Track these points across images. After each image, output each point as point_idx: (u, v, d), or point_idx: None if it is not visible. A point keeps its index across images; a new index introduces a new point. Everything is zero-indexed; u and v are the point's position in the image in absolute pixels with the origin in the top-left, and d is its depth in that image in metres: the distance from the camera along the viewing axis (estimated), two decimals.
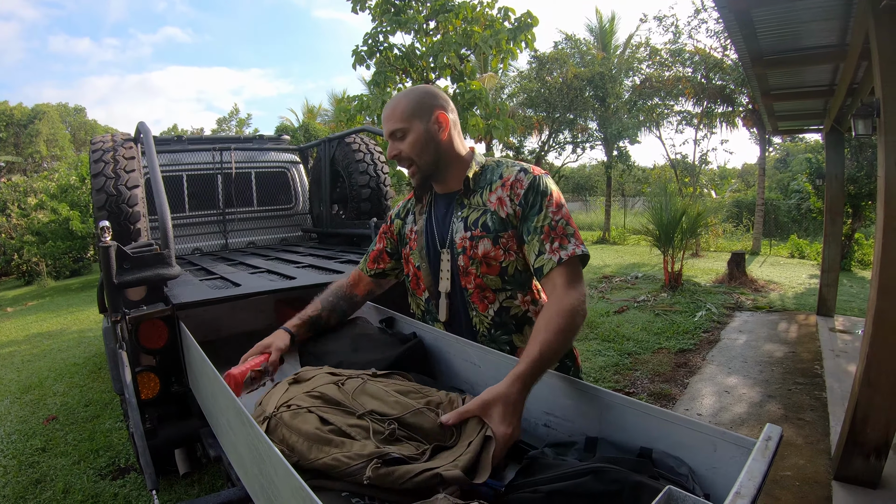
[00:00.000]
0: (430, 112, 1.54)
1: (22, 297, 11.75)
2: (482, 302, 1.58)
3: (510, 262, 1.53)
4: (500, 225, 1.51)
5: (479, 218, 1.55)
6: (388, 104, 1.58)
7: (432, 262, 1.67)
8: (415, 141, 1.54)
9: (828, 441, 3.31)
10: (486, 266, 1.54)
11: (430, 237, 1.67)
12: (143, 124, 2.90)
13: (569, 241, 1.43)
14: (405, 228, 1.77)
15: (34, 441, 3.79)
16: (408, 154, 1.55)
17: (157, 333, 2.04)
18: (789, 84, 5.35)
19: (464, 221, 1.57)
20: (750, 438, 0.98)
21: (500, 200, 1.53)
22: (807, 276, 9.35)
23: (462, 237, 1.57)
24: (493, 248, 1.52)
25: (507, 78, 18.15)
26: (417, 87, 1.61)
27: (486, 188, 1.57)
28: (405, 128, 1.53)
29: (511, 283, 1.55)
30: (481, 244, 1.53)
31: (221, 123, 26.90)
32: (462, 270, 1.58)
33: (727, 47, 12.89)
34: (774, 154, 25.75)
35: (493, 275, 1.54)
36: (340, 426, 1.12)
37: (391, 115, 1.56)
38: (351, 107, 8.25)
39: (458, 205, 1.61)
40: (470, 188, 1.59)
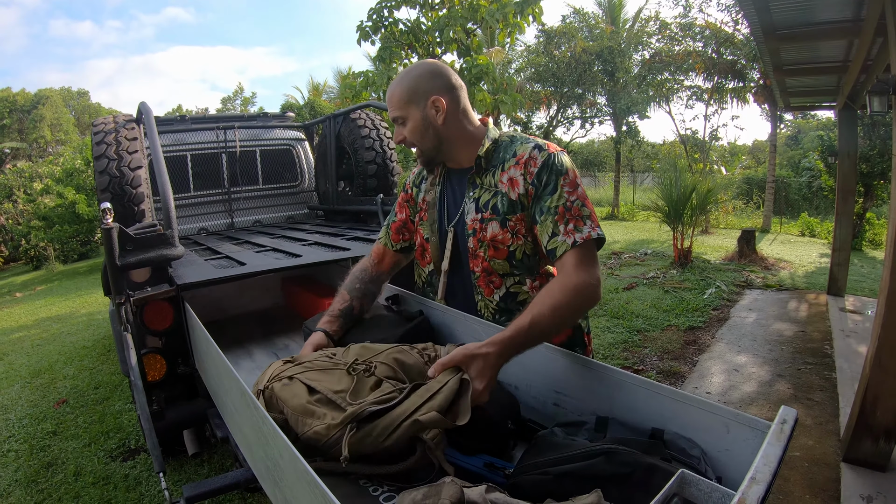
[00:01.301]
0: (425, 97, 1.49)
1: (31, 281, 11.84)
2: (488, 286, 1.55)
3: (518, 246, 1.49)
4: (509, 207, 1.47)
5: (489, 200, 1.51)
6: (389, 91, 1.55)
7: (441, 237, 1.63)
8: (414, 128, 1.51)
9: (837, 422, 3.28)
10: (493, 249, 1.50)
11: (441, 211, 1.64)
12: (145, 104, 2.87)
13: (584, 223, 1.37)
14: (419, 196, 1.73)
15: (45, 424, 3.82)
16: (410, 140, 1.53)
17: (162, 315, 2.03)
18: (802, 59, 5.25)
19: (475, 203, 1.54)
20: (764, 420, 0.96)
21: (511, 181, 1.48)
22: (817, 254, 9.27)
23: (473, 219, 1.53)
24: (500, 230, 1.48)
25: (515, 52, 17.97)
26: (416, 67, 1.55)
27: (499, 167, 1.51)
28: (403, 115, 1.51)
29: (519, 268, 1.52)
30: (490, 227, 1.49)
31: (226, 103, 26.84)
32: (471, 253, 1.55)
33: (739, 21, 12.69)
34: (786, 131, 25.49)
35: (501, 259, 1.51)
36: (326, 394, 1.12)
37: (390, 101, 1.55)
38: (356, 83, 8.17)
39: (471, 184, 1.56)
40: (482, 167, 1.54)
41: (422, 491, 0.80)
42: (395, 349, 1.27)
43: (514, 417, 1.28)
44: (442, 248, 1.63)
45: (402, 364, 1.23)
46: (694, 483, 0.87)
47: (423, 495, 0.78)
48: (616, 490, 0.91)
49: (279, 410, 1.13)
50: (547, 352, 1.32)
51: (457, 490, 0.77)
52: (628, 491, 0.91)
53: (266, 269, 2.29)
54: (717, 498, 0.86)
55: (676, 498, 0.86)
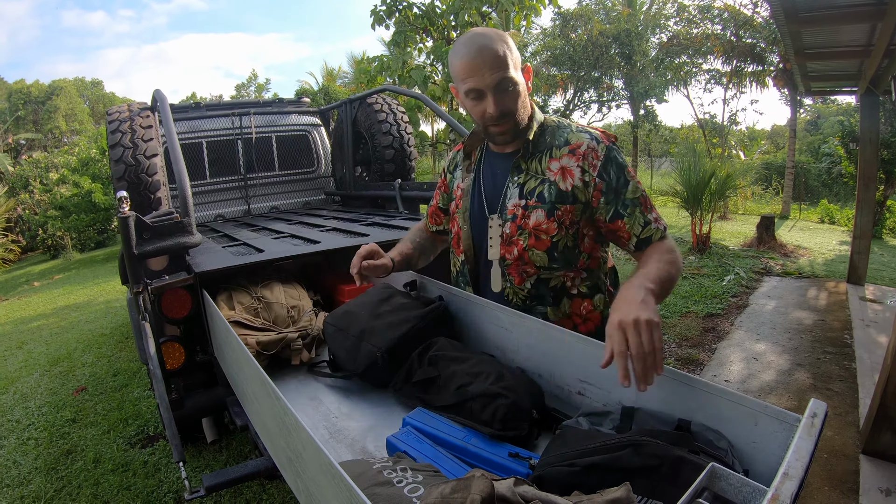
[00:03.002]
0: (520, 60, 1.40)
1: (49, 270, 11.97)
2: (520, 275, 1.49)
3: (561, 238, 1.43)
4: (558, 197, 1.41)
5: (536, 187, 1.44)
6: (484, 49, 1.34)
7: (475, 225, 1.56)
8: (520, 94, 1.40)
9: (856, 413, 3.24)
10: (534, 238, 1.44)
11: (476, 199, 1.57)
12: (159, 92, 2.87)
13: (657, 211, 1.43)
14: (454, 182, 1.67)
15: (64, 412, 3.86)
16: (512, 109, 1.39)
17: (180, 303, 2.03)
18: (824, 43, 5.13)
19: (520, 188, 1.46)
20: (793, 414, 0.94)
21: (564, 170, 1.42)
22: (837, 242, 9.14)
23: (515, 204, 1.47)
24: (546, 220, 1.42)
25: (531, 36, 17.86)
26: (499, 30, 1.41)
27: (547, 153, 1.45)
28: (514, 79, 1.36)
29: (558, 262, 1.46)
30: (534, 214, 1.43)
31: (240, 90, 26.93)
32: (505, 239, 1.49)
33: (758, 3, 12.54)
34: (805, 116, 25.08)
35: (541, 250, 1.45)
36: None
37: (499, 62, 1.34)
38: (371, 68, 8.17)
39: (516, 169, 1.48)
40: (529, 151, 1.47)
41: (450, 485, 0.79)
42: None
43: (539, 406, 1.27)
44: (481, 238, 1.56)
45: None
46: (724, 477, 0.86)
47: (452, 489, 0.77)
48: (644, 482, 0.90)
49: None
50: (571, 340, 1.30)
51: (487, 484, 0.75)
52: (656, 483, 0.90)
53: (285, 255, 2.28)
54: (748, 493, 0.84)
55: (707, 492, 0.85)
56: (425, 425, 1.26)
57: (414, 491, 0.95)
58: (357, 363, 1.62)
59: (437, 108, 3.63)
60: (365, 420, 1.51)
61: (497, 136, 1.46)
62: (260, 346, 1.88)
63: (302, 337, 1.98)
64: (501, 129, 1.42)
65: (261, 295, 2.08)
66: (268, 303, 2.06)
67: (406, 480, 0.98)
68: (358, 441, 1.40)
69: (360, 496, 0.75)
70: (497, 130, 1.43)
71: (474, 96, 1.38)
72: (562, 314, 1.50)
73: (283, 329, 2.00)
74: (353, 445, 1.38)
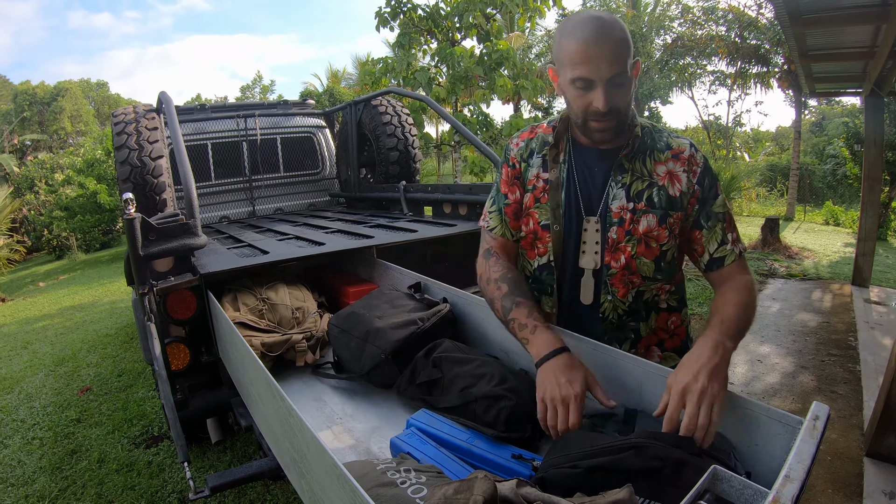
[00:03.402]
0: (633, 56, 1.26)
1: (54, 271, 12.02)
2: (625, 286, 1.35)
3: (671, 247, 1.34)
4: (668, 203, 1.31)
5: (643, 190, 1.32)
6: (605, 37, 1.20)
7: (567, 226, 1.38)
8: (628, 93, 1.26)
9: (861, 416, 3.23)
10: (644, 246, 1.32)
11: (572, 195, 1.38)
12: (165, 94, 2.88)
13: (738, 233, 1.35)
14: (529, 172, 1.45)
15: (69, 412, 3.88)
16: (621, 105, 1.25)
17: (186, 304, 2.03)
18: (828, 44, 5.13)
19: (625, 189, 1.33)
20: (796, 416, 0.94)
21: (671, 175, 1.32)
22: (842, 244, 9.12)
23: (621, 207, 1.32)
24: (658, 226, 1.31)
25: (535, 37, 17.89)
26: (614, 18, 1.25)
27: (648, 155, 1.34)
28: (627, 74, 1.23)
29: (663, 272, 1.36)
30: (644, 220, 1.31)
31: (245, 91, 26.99)
32: (611, 245, 1.34)
33: (762, 5, 12.51)
34: (810, 117, 25.00)
35: (649, 259, 1.33)
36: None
37: (618, 54, 1.20)
38: (375, 69, 8.18)
39: (619, 168, 1.34)
40: (633, 150, 1.34)
41: (453, 486, 0.79)
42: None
43: None
44: (573, 242, 1.38)
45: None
46: (726, 479, 0.86)
47: (455, 490, 0.77)
48: (646, 484, 0.90)
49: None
50: (574, 342, 1.30)
51: (489, 485, 0.76)
52: (659, 485, 0.91)
53: (289, 257, 2.29)
54: (750, 495, 0.84)
55: (709, 494, 0.85)
56: (429, 427, 1.27)
57: (417, 492, 0.96)
58: (361, 364, 1.63)
59: (442, 110, 3.64)
60: (369, 421, 1.52)
61: (596, 133, 1.31)
62: (265, 347, 1.89)
63: (307, 338, 1.99)
64: (603, 125, 1.28)
65: (266, 296, 2.09)
66: (273, 304, 2.07)
67: (409, 481, 0.99)
68: (362, 442, 1.41)
69: (363, 496, 0.75)
70: (598, 126, 1.29)
71: (581, 86, 1.23)
72: (649, 330, 1.42)
73: (287, 330, 2.01)
74: (357, 446, 1.39)
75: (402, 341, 1.59)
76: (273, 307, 2.07)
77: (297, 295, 2.17)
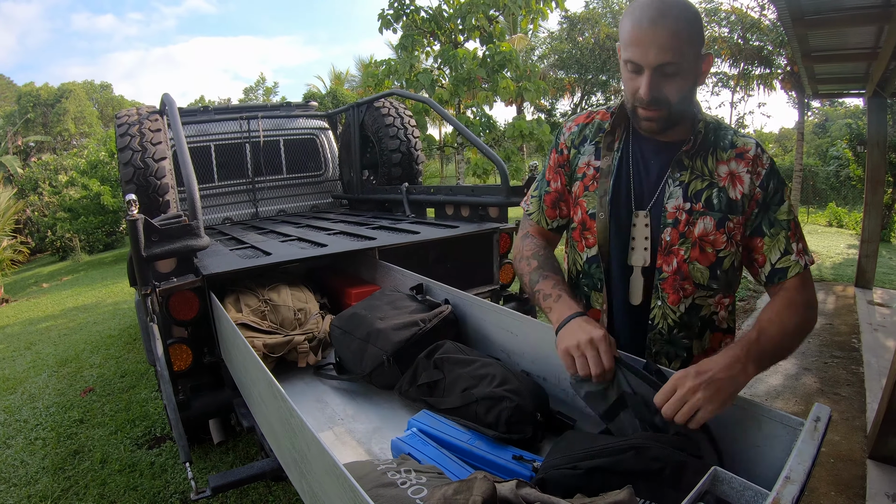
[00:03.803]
0: (700, 48, 1.18)
1: (57, 272, 12.05)
2: (676, 292, 1.27)
3: (729, 254, 1.25)
4: (728, 206, 1.22)
5: (703, 190, 1.24)
6: (660, 21, 1.12)
7: (615, 218, 1.31)
8: (684, 85, 1.18)
9: (864, 418, 3.22)
10: (698, 250, 1.24)
11: (623, 185, 1.31)
12: (168, 96, 2.89)
13: (806, 244, 1.24)
14: (579, 160, 1.38)
15: (72, 413, 3.88)
16: (668, 98, 1.18)
17: (188, 305, 2.04)
18: (831, 45, 5.12)
19: (683, 188, 1.24)
20: (797, 418, 0.94)
21: (733, 176, 1.23)
22: (845, 245, 9.10)
23: (677, 206, 1.24)
24: (715, 231, 1.23)
25: (538, 39, 17.89)
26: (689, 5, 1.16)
27: (711, 153, 1.25)
28: (679, 65, 1.14)
29: (719, 282, 1.27)
30: (701, 222, 1.23)
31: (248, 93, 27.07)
32: (664, 247, 1.26)
33: (765, 6, 12.51)
34: (813, 118, 25.02)
35: (704, 265, 1.25)
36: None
37: (670, 42, 1.12)
38: (378, 71, 8.20)
39: (677, 163, 1.26)
40: (695, 147, 1.25)
41: (453, 486, 0.80)
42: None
43: (543, 410, 1.28)
44: (622, 235, 1.31)
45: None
46: (727, 481, 0.86)
47: (455, 490, 0.78)
48: (646, 485, 0.90)
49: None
50: None
51: (489, 486, 0.76)
52: (659, 487, 0.91)
53: (292, 258, 2.29)
54: (750, 497, 0.85)
55: (709, 495, 0.85)
56: (430, 427, 1.27)
57: (417, 492, 0.96)
58: (363, 366, 1.63)
59: (444, 112, 3.64)
60: (370, 422, 1.52)
61: (643, 121, 1.24)
62: (267, 348, 1.89)
63: (308, 339, 2.00)
64: (650, 114, 1.21)
65: (268, 298, 2.10)
66: (275, 305, 2.07)
67: (410, 482, 0.99)
68: (363, 443, 1.41)
69: (363, 497, 0.76)
70: (645, 115, 1.22)
71: (632, 69, 1.18)
72: (701, 349, 1.33)
73: (289, 331, 2.02)
74: (359, 447, 1.39)
75: (403, 342, 1.59)
76: (275, 308, 2.07)
77: (300, 296, 2.17)
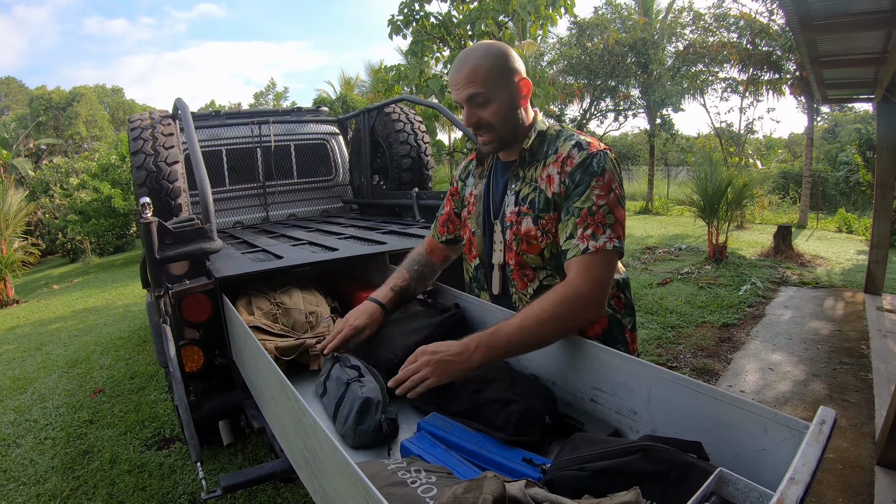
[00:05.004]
0: (513, 76, 1.43)
1: (68, 274, 12.15)
2: (522, 280, 1.54)
3: (547, 245, 1.47)
4: (543, 205, 1.44)
5: (529, 194, 1.48)
6: (463, 64, 1.41)
7: (486, 230, 1.62)
8: (499, 109, 1.42)
9: (872, 424, 3.21)
10: (526, 244, 1.49)
11: (486, 205, 1.62)
12: (181, 100, 2.92)
13: (603, 231, 1.33)
14: (465, 191, 1.73)
15: (82, 413, 3.92)
16: (488, 121, 1.44)
17: (201, 307, 2.06)
18: (840, 50, 5.11)
19: (515, 196, 1.51)
20: (802, 421, 0.95)
21: (549, 178, 1.44)
22: (854, 251, 9.04)
23: (512, 212, 1.52)
24: (533, 227, 1.46)
25: (547, 45, 17.84)
26: (493, 45, 1.45)
27: (542, 162, 1.47)
28: (487, 94, 1.40)
29: (550, 265, 1.49)
30: (525, 221, 1.48)
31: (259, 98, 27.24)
32: (507, 245, 1.54)
33: (774, 11, 12.44)
34: (822, 124, 24.85)
35: (534, 255, 1.49)
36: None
37: (470, 78, 1.40)
38: (388, 77, 8.24)
39: (514, 177, 1.53)
40: (526, 160, 1.51)
41: (463, 485, 0.81)
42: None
43: (552, 413, 1.29)
44: (488, 242, 1.61)
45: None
46: (732, 482, 0.87)
47: (465, 489, 0.79)
48: (653, 487, 0.91)
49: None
50: (585, 347, 1.32)
51: (498, 485, 0.78)
52: (666, 488, 0.91)
53: (303, 262, 2.31)
54: (755, 498, 0.85)
55: (715, 497, 0.86)
56: (439, 430, 1.28)
57: (427, 491, 0.97)
58: None
59: (454, 118, 3.66)
60: None
61: (482, 145, 1.53)
62: (278, 351, 1.91)
63: (319, 342, 2.01)
64: (483, 138, 1.49)
65: (280, 301, 2.11)
66: (286, 308, 2.09)
67: (420, 481, 1.00)
68: None
69: (375, 495, 0.77)
70: (480, 139, 1.50)
71: (459, 106, 1.46)
72: None
73: (301, 334, 2.03)
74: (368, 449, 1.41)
75: (413, 346, 1.60)
76: (287, 311, 2.09)
77: (311, 300, 2.19)
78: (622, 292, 1.62)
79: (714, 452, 1.02)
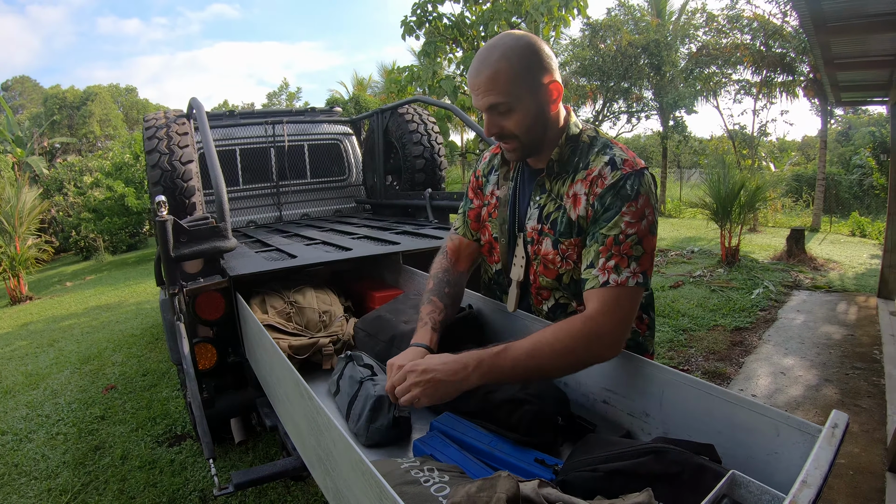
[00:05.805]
0: (541, 77, 1.25)
1: (81, 271, 12.24)
2: (538, 296, 1.46)
3: (566, 272, 1.36)
4: (565, 228, 1.31)
5: (552, 213, 1.34)
6: (483, 67, 1.23)
7: (511, 240, 1.48)
8: (523, 118, 1.26)
9: (884, 430, 3.18)
10: (543, 267, 1.39)
11: (512, 212, 1.47)
12: (196, 100, 2.94)
13: (628, 263, 1.19)
14: (486, 188, 1.56)
15: (94, 409, 3.96)
16: (512, 132, 1.28)
17: (214, 305, 2.08)
18: (854, 53, 5.08)
19: (539, 210, 1.38)
20: (815, 425, 0.95)
21: (575, 198, 1.30)
22: (868, 255, 8.96)
23: (533, 227, 1.39)
24: (552, 250, 1.35)
25: (560, 46, 17.77)
26: (518, 39, 1.24)
27: (571, 176, 1.32)
28: (509, 102, 1.24)
29: (566, 291, 1.40)
30: (545, 242, 1.36)
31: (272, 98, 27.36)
32: (528, 261, 1.44)
33: (787, 13, 12.35)
34: (836, 126, 24.63)
35: (550, 277, 1.39)
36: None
37: (491, 84, 1.23)
38: (401, 78, 8.26)
39: (539, 187, 1.38)
40: (553, 171, 1.35)
41: (476, 484, 0.82)
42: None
43: (564, 414, 1.29)
44: (511, 254, 1.48)
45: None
46: (744, 484, 0.87)
47: (478, 488, 0.80)
48: (665, 489, 0.91)
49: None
50: None
51: (512, 484, 0.78)
52: (678, 490, 0.92)
53: (317, 261, 2.31)
54: (768, 500, 0.86)
55: (727, 499, 0.86)
56: (452, 430, 1.29)
57: (440, 490, 0.98)
58: None
59: (467, 119, 3.66)
60: None
61: (506, 152, 1.38)
62: (292, 349, 1.92)
63: (333, 342, 2.02)
64: (507, 146, 1.35)
65: (293, 300, 2.13)
66: (300, 307, 2.10)
67: (433, 480, 1.01)
68: None
69: (389, 493, 0.78)
70: (504, 147, 1.37)
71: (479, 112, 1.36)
72: None
73: (314, 334, 2.04)
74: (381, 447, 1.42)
75: None
76: (300, 310, 2.10)
77: (324, 299, 2.20)
78: (645, 312, 1.52)
79: (726, 455, 1.02)
